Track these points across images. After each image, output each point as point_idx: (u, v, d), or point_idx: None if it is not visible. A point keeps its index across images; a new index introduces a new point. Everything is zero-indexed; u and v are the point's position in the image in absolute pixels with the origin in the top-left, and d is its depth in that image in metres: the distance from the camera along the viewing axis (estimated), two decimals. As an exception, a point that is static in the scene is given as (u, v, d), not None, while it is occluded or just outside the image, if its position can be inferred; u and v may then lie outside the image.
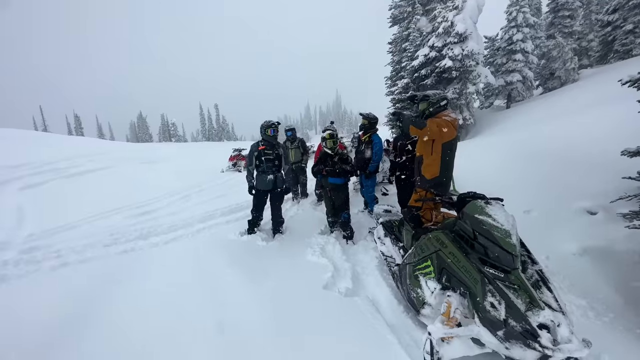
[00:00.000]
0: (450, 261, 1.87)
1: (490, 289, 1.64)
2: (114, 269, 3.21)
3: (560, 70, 12.65)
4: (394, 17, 13.20)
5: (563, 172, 4.24)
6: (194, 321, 2.33)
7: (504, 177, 4.99)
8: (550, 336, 1.44)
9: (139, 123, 49.14)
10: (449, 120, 2.68)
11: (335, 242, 3.93)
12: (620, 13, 12.21)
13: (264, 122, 4.24)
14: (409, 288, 2.22)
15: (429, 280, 2.04)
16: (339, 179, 4.02)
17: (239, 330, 2.22)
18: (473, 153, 6.74)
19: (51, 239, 4.15)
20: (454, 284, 1.87)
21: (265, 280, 2.93)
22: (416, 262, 2.18)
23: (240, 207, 5.85)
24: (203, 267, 3.25)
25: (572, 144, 4.77)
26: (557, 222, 3.52)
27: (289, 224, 4.79)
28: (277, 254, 3.66)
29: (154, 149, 18.50)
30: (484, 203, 1.91)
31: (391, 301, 2.61)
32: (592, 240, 3.10)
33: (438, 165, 2.75)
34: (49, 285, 2.88)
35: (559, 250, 3.18)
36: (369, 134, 4.72)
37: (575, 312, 2.50)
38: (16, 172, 8.60)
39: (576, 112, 6.23)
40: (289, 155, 6.09)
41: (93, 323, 2.32)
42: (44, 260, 3.37)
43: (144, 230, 4.53)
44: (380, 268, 3.21)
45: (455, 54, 9.29)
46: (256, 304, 2.51)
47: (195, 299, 2.64)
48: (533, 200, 4.00)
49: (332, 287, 2.85)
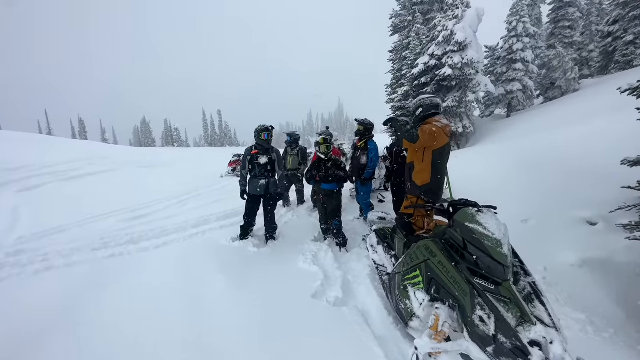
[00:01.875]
0: (439, 271, 1.79)
1: (479, 301, 1.55)
2: (98, 273, 3.13)
3: (561, 80, 12.63)
4: (395, 25, 13.32)
5: (563, 181, 4.17)
6: (170, 331, 2.23)
7: (502, 186, 4.92)
8: (542, 354, 1.35)
9: (143, 128, 49.59)
10: (440, 126, 2.62)
11: (328, 249, 3.84)
12: (620, 24, 12.26)
13: (259, 126, 4.21)
14: (397, 299, 2.13)
15: (418, 291, 1.95)
16: (332, 185, 3.95)
17: (216, 339, 2.13)
18: (472, 161, 6.67)
19: (40, 242, 4.10)
20: (442, 296, 1.78)
21: (252, 288, 2.84)
22: (405, 272, 2.09)
23: (235, 212, 5.78)
24: (189, 272, 3.17)
25: (573, 153, 4.71)
26: (556, 232, 3.43)
27: (283, 230, 4.70)
28: (268, 261, 3.58)
29: (155, 154, 18.58)
30: (475, 211, 1.83)
31: (381, 312, 2.51)
32: (591, 251, 3.01)
33: (429, 172, 2.69)
34: (28, 290, 2.81)
35: (558, 261, 3.08)
36: (364, 140, 4.68)
37: (573, 327, 2.39)
38: (15, 175, 8.61)
39: (577, 122, 6.17)
40: (287, 161, 5.95)
41: (66, 330, 2.24)
42: (29, 263, 3.30)
43: (135, 234, 4.46)
44: (372, 277, 3.12)
45: (455, 62, 9.31)
46: (238, 313, 2.42)
47: (175, 306, 2.55)
48: (532, 209, 3.91)
49: (321, 296, 2.75)
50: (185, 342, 2.12)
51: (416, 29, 11.73)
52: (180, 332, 2.21)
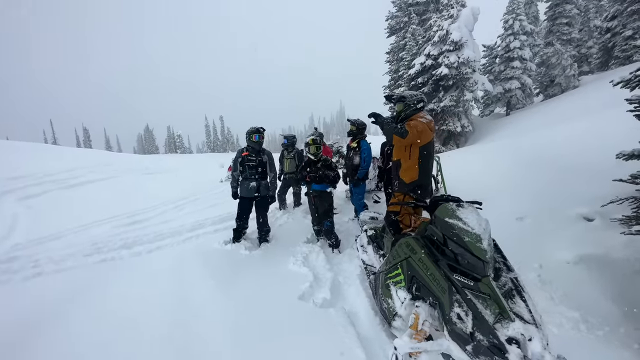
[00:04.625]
0: (419, 268, 1.74)
1: (457, 298, 1.50)
2: (87, 279, 3.13)
3: (560, 77, 12.52)
4: (391, 27, 13.35)
5: (561, 178, 4.10)
6: (154, 336, 2.21)
7: (499, 184, 4.84)
8: (520, 352, 1.29)
9: (146, 135, 50.15)
10: (425, 122, 2.60)
11: (320, 250, 3.80)
12: (619, 20, 12.14)
13: (250, 127, 4.20)
14: (380, 298, 2.08)
15: (400, 289, 1.90)
16: (322, 186, 3.92)
17: (199, 345, 2.10)
18: (469, 160, 6.60)
19: (34, 248, 4.12)
20: (423, 294, 1.73)
21: (239, 292, 2.81)
22: (387, 270, 2.04)
23: (231, 215, 5.71)
24: (178, 276, 3.15)
25: (571, 149, 4.64)
26: (552, 229, 3.36)
27: (276, 232, 4.67)
28: (259, 263, 3.55)
29: (157, 160, 18.74)
30: (456, 206, 1.79)
31: (369, 312, 2.46)
32: (588, 247, 2.93)
33: (416, 169, 2.66)
34: (13, 297, 2.80)
35: (553, 258, 3.01)
36: (357, 140, 4.65)
37: (565, 324, 2.32)
38: (17, 183, 8.73)
39: (575, 118, 6.09)
40: (284, 164, 5.88)
41: (49, 335, 2.23)
42: (20, 270, 3.31)
43: (129, 239, 4.47)
44: (362, 278, 3.06)
45: (451, 61, 9.28)
46: (224, 317, 2.39)
47: (161, 310, 2.52)
48: (527, 206, 3.84)
49: (308, 297, 2.71)
50: (167, 346, 2.09)
51: (412, 30, 11.74)
52: (164, 338, 2.18)
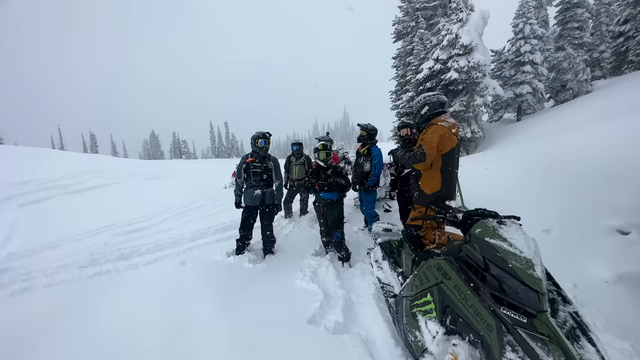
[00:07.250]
0: (455, 298, 1.47)
1: (509, 340, 1.23)
2: (78, 295, 2.89)
3: (572, 82, 12.21)
4: (398, 32, 13.20)
5: (583, 186, 3.81)
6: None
7: (517, 193, 4.55)
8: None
9: (152, 141, 50.53)
10: (447, 126, 2.33)
11: (329, 264, 3.52)
12: (632, 24, 11.86)
13: (255, 132, 3.99)
14: (405, 328, 1.80)
15: (430, 320, 1.62)
16: (332, 194, 3.66)
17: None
18: (483, 167, 6.32)
19: (28, 259, 3.90)
20: (460, 329, 1.45)
21: (241, 311, 2.54)
22: (414, 296, 1.77)
23: (235, 224, 5.51)
24: (175, 292, 2.89)
25: (590, 155, 4.36)
26: (583, 243, 3.06)
27: (282, 243, 4.41)
28: (263, 278, 3.28)
29: (161, 166, 18.66)
30: (497, 223, 1.52)
31: (388, 340, 2.18)
32: (627, 264, 2.64)
33: (439, 178, 2.37)
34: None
35: (589, 277, 2.70)
36: (367, 146, 4.40)
37: (617, 359, 2.01)
38: (20, 189, 8.59)
39: (592, 123, 5.80)
40: (292, 171, 5.66)
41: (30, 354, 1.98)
42: (8, 284, 3.09)
43: (128, 249, 4.23)
44: (378, 297, 2.78)
45: (460, 65, 9.06)
46: (223, 342, 2.12)
47: (155, 331, 2.27)
48: (552, 218, 3.54)
49: (318, 320, 2.43)
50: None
51: (420, 34, 11.57)
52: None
